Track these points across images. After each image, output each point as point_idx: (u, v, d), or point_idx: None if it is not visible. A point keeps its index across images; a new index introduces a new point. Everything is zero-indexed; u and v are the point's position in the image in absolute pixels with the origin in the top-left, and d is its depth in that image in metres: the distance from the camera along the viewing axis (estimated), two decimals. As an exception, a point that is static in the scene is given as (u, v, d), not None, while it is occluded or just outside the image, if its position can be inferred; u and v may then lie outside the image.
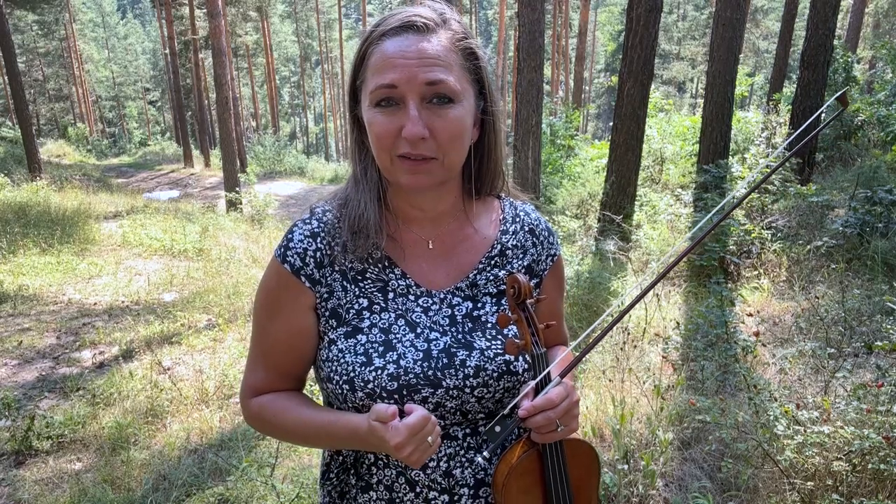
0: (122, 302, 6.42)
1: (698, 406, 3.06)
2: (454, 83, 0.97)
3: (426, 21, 0.98)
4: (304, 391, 1.19)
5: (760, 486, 2.75)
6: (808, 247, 5.86)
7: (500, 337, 1.07)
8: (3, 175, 12.54)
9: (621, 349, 3.94)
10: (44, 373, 4.65)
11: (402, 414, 0.96)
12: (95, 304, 6.34)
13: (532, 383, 1.01)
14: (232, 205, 13.12)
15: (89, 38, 48.14)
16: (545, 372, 1.00)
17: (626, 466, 2.88)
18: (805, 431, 2.57)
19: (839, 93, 1.01)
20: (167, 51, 28.01)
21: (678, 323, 4.33)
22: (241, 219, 12.30)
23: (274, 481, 2.97)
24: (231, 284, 6.77)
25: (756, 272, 5.93)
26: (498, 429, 1.00)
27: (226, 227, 10.83)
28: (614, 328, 4.37)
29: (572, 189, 10.43)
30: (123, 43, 53.21)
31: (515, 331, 1.07)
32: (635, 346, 4.11)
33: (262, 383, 1.13)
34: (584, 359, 4.08)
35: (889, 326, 3.39)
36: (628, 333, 4.13)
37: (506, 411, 1.02)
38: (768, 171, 1.12)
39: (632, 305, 1.02)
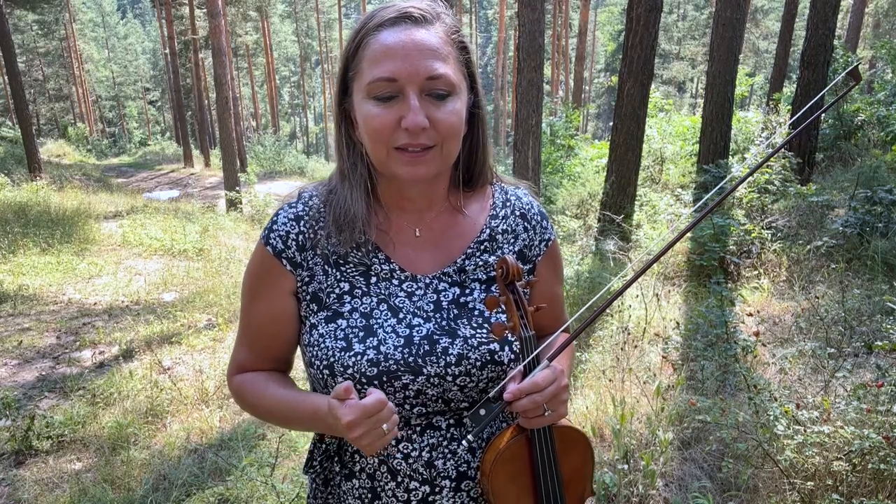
0: (122, 302, 6.42)
1: (698, 406, 3.06)
2: (452, 76, 0.97)
3: (423, 12, 0.98)
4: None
5: (760, 486, 2.75)
6: (808, 247, 5.85)
7: (486, 325, 1.05)
8: (3, 175, 12.55)
9: (621, 349, 3.94)
10: (44, 373, 4.65)
11: None
12: (95, 303, 6.34)
13: (520, 366, 0.99)
14: (232, 204, 13.12)
15: (89, 38, 48.11)
16: (532, 355, 0.99)
17: (626, 466, 2.88)
18: (805, 431, 2.57)
19: (851, 66, 0.99)
20: (167, 51, 28.00)
21: (678, 323, 4.33)
22: (241, 218, 12.31)
23: (274, 481, 2.97)
24: (231, 284, 6.77)
25: (756, 272, 5.93)
26: (483, 412, 0.98)
27: (226, 226, 10.84)
28: (615, 328, 4.37)
29: (572, 189, 10.42)
30: (123, 43, 53.17)
31: (505, 314, 1.06)
32: (635, 346, 4.10)
33: (246, 362, 1.14)
34: (579, 351, 4.05)
35: (889, 326, 3.38)
36: (628, 333, 4.12)
37: (492, 394, 1.01)
38: (775, 150, 1.11)
39: (629, 284, 1.01)
